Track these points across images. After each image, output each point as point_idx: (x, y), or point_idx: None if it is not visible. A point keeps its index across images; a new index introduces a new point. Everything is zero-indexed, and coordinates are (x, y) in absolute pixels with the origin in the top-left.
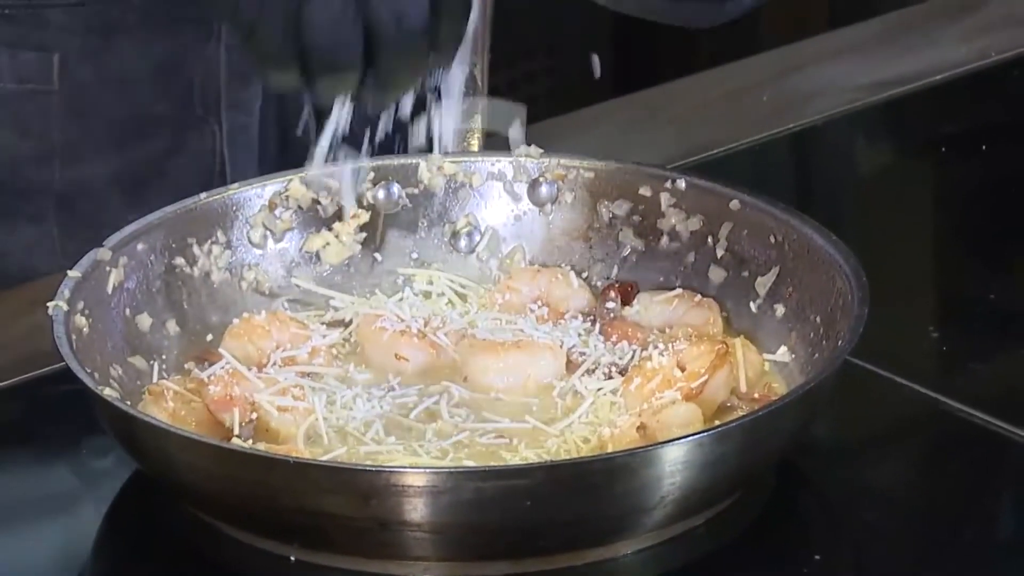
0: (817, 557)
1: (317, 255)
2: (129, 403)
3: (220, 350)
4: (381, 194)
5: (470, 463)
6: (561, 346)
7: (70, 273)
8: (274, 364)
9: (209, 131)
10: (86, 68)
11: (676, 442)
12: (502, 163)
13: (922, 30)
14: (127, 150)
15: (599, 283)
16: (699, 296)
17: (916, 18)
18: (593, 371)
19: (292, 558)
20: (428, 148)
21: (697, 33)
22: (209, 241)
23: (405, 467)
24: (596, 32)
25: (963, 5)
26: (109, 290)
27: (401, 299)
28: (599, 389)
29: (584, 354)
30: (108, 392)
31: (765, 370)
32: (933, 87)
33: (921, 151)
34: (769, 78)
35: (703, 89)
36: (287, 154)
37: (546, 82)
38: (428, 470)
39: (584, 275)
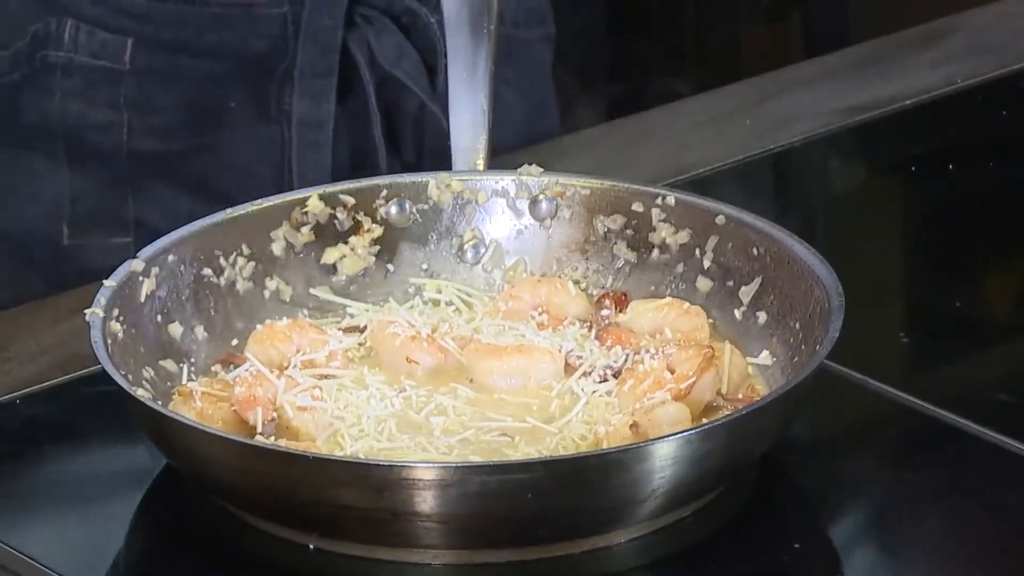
0: (796, 545)
1: (334, 266)
2: (160, 403)
3: (245, 354)
4: (394, 210)
5: (475, 458)
6: (560, 350)
7: (106, 283)
8: (294, 367)
9: (279, 137)
10: (159, 55)
11: (665, 439)
12: (505, 181)
13: (892, 59)
14: (193, 136)
15: (595, 292)
16: (687, 304)
17: (886, 48)
18: (589, 373)
19: (311, 546)
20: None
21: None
22: (235, 253)
23: (415, 462)
24: (592, 61)
25: (930, 36)
26: (142, 298)
27: (412, 307)
28: (595, 391)
29: (581, 358)
30: (141, 392)
31: (748, 373)
32: (903, 111)
33: (892, 171)
34: (750, 103)
35: (690, 114)
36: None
37: None
38: (436, 465)
39: (581, 285)
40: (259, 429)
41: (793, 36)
